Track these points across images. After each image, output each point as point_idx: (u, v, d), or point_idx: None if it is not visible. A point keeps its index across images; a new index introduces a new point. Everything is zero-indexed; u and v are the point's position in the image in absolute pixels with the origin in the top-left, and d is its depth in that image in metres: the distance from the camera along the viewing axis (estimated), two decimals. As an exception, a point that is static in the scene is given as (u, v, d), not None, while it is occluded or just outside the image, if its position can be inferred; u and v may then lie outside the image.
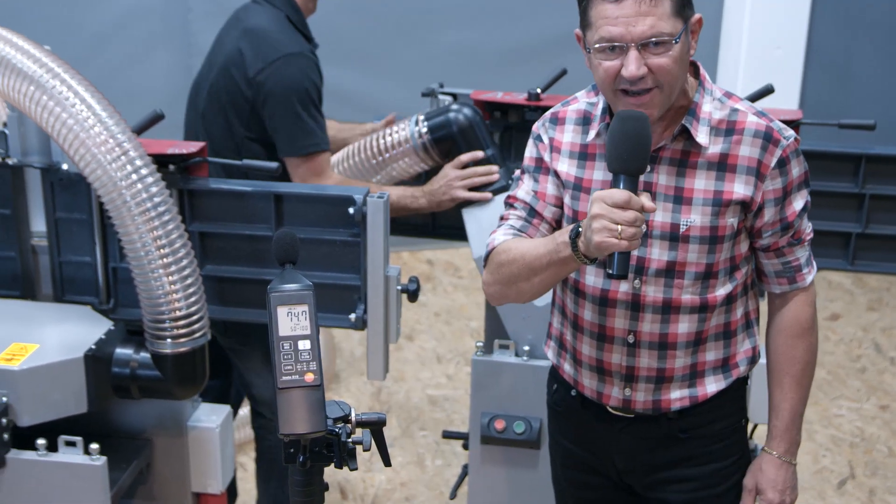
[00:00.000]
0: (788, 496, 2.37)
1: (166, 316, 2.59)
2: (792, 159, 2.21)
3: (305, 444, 1.85)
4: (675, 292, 2.25)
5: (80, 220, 2.86)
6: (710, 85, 2.23)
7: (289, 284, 1.86)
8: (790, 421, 2.35)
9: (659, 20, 2.05)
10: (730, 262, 2.27)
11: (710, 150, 2.20)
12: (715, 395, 2.34)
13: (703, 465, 2.38)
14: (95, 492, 2.55)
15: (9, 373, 2.50)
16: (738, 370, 2.36)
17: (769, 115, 2.23)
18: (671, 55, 2.08)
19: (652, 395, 2.33)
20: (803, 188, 2.25)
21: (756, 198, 2.21)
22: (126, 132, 2.53)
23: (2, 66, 2.54)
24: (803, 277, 2.32)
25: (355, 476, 4.22)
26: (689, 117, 2.19)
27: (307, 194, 2.82)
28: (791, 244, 2.29)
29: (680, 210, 2.21)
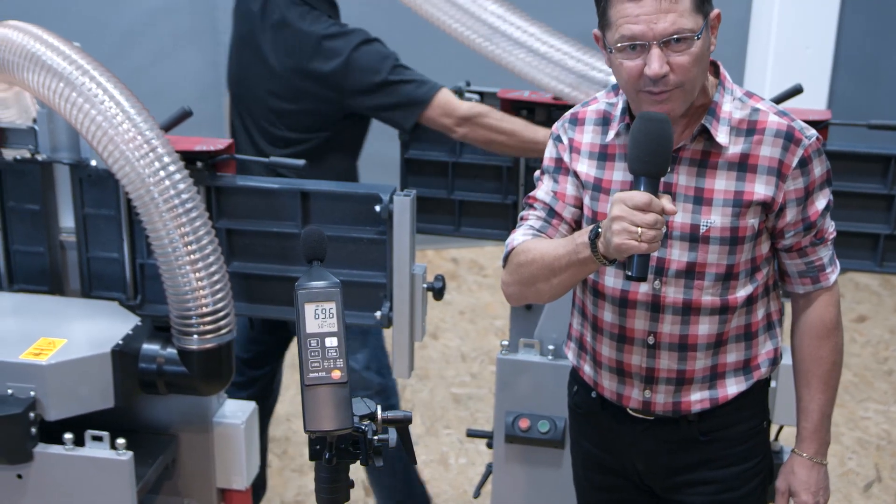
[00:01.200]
0: (822, 497, 2.36)
1: (193, 312, 2.60)
2: (814, 159, 2.18)
3: (332, 441, 1.85)
4: (696, 293, 2.23)
5: (108, 216, 2.87)
6: (730, 84, 2.21)
7: (316, 282, 1.86)
8: (819, 422, 2.33)
9: (680, 17, 2.02)
10: (751, 264, 2.25)
11: (730, 150, 2.17)
12: (736, 397, 2.32)
13: (723, 467, 2.36)
14: (121, 486, 2.56)
15: (37, 367, 2.51)
16: (759, 371, 2.34)
17: (790, 114, 2.21)
18: (693, 52, 2.05)
19: (672, 398, 2.31)
20: (825, 187, 2.23)
21: (777, 198, 2.18)
22: (154, 129, 2.54)
23: (32, 63, 2.56)
24: (826, 277, 2.30)
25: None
26: (708, 117, 2.17)
27: (334, 192, 2.83)
28: (814, 244, 2.27)
29: (700, 211, 2.19)
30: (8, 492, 2.57)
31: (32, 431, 2.52)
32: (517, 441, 2.99)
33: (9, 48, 2.59)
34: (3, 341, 2.60)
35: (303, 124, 3.34)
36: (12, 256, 2.95)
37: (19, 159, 2.85)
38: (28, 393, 2.51)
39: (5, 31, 2.63)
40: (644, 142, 2.01)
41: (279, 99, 3.33)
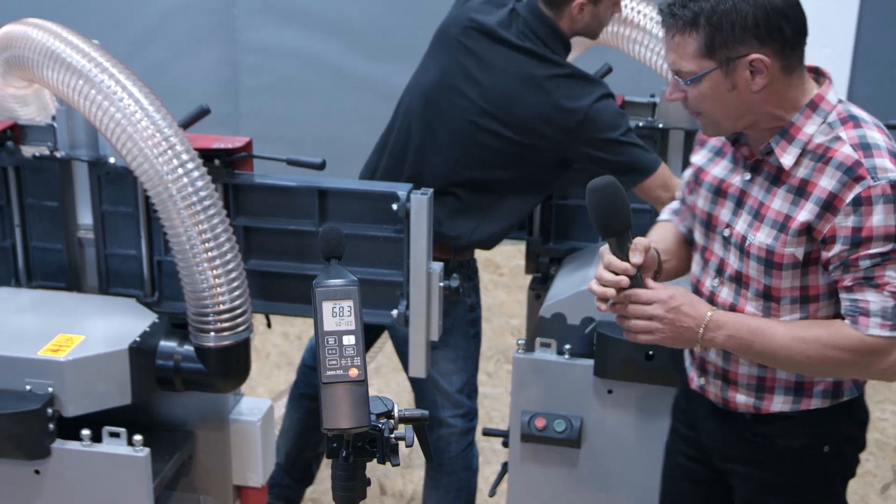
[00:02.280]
0: (665, 311, 2.21)
1: (210, 310, 2.61)
2: (875, 203, 2.07)
3: (349, 439, 1.85)
4: (741, 301, 2.28)
5: (126, 213, 2.88)
6: (828, 107, 2.17)
7: (334, 280, 1.86)
8: (752, 327, 2.19)
9: (680, 58, 2.13)
10: (799, 291, 2.22)
11: (796, 173, 2.17)
12: (784, 415, 2.32)
13: (770, 472, 2.37)
14: (138, 482, 2.57)
15: (55, 363, 2.52)
16: (810, 401, 2.30)
17: (879, 151, 2.10)
18: (698, 90, 2.14)
19: (720, 392, 2.38)
20: (890, 242, 2.09)
21: (821, 229, 2.13)
22: (172, 126, 2.55)
23: (51, 61, 2.57)
24: (866, 324, 2.13)
25: (394, 472, 4.23)
26: (777, 136, 2.18)
27: (351, 190, 2.83)
28: (861, 283, 2.13)
29: (752, 225, 2.22)
30: (25, 487, 2.58)
31: (50, 427, 2.53)
32: (533, 440, 2.99)
33: (28, 46, 2.60)
34: (21, 338, 2.61)
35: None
36: (31, 253, 2.96)
37: (38, 156, 2.87)
38: (46, 389, 2.52)
39: (25, 29, 2.64)
40: (593, 211, 2.18)
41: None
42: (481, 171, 3.15)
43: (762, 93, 2.13)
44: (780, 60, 2.12)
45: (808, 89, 2.19)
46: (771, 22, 2.08)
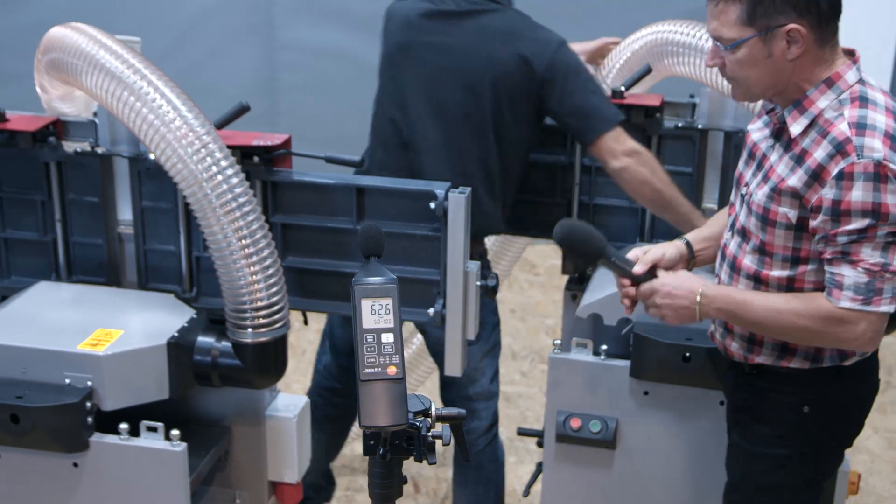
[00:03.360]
0: (662, 299, 2.47)
1: (248, 306, 2.62)
2: (856, 179, 2.18)
3: (386, 436, 1.86)
4: (741, 254, 2.43)
5: (165, 209, 2.90)
6: (844, 86, 2.28)
7: (373, 277, 1.86)
8: (739, 299, 2.39)
9: (721, 25, 2.26)
10: (791, 252, 2.34)
11: (802, 143, 2.29)
12: (771, 369, 2.45)
13: (754, 420, 2.51)
14: (175, 477, 2.59)
15: (94, 358, 2.54)
16: (790, 359, 2.42)
17: (873, 132, 2.20)
18: (736, 57, 2.27)
19: (721, 338, 2.55)
20: (867, 217, 2.19)
21: (810, 198, 2.25)
22: (206, 126, 2.56)
23: (87, 64, 2.60)
24: (839, 297, 2.26)
25: (428, 470, 4.23)
26: (791, 107, 2.31)
27: (389, 188, 2.83)
28: (839, 258, 2.25)
29: (759, 184, 2.37)
30: (64, 480, 2.61)
31: (89, 421, 2.55)
32: (568, 440, 2.98)
33: (67, 49, 2.64)
34: (61, 332, 2.63)
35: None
36: (71, 248, 2.99)
37: (80, 152, 2.89)
38: (85, 383, 2.54)
39: (65, 32, 2.67)
40: (570, 251, 2.56)
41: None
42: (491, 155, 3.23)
43: (795, 63, 2.25)
44: (815, 33, 2.23)
45: (834, 67, 2.29)
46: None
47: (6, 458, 2.61)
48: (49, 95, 2.94)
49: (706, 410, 2.86)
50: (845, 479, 2.90)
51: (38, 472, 2.61)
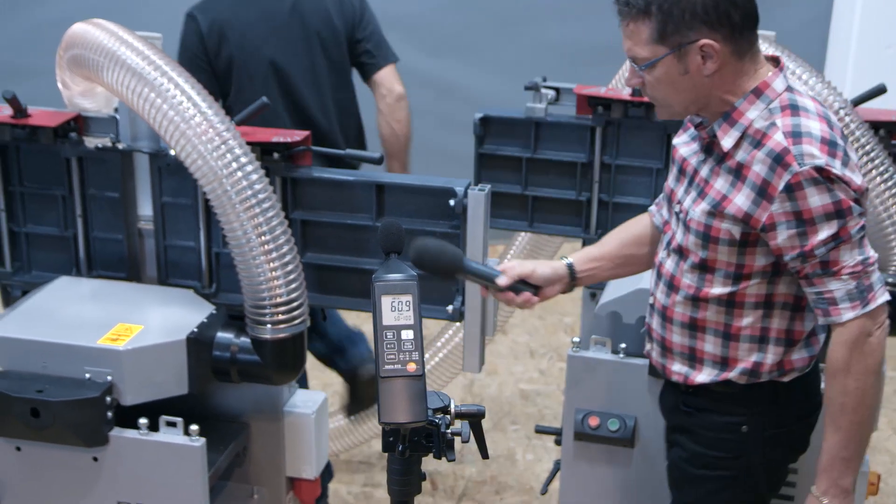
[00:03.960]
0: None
1: (267, 302, 2.62)
2: (806, 187, 2.14)
3: (405, 433, 1.86)
4: (678, 272, 2.38)
5: (185, 205, 2.91)
6: (773, 94, 2.23)
7: (393, 274, 1.86)
8: (828, 462, 2.28)
9: (635, 45, 2.22)
10: (734, 268, 2.29)
11: (735, 156, 2.24)
12: (710, 388, 2.40)
13: (694, 442, 2.47)
14: (194, 472, 2.59)
15: (114, 352, 2.55)
16: (730, 374, 2.38)
17: (809, 139, 2.16)
18: (653, 75, 2.23)
19: (660, 359, 2.50)
20: (832, 219, 2.16)
21: (759, 217, 2.20)
22: (226, 122, 2.57)
23: (108, 60, 2.61)
24: (839, 312, 2.21)
25: (446, 467, 4.23)
26: (720, 120, 2.26)
27: (409, 185, 2.84)
28: (820, 274, 2.20)
29: (695, 201, 2.32)
30: (84, 474, 2.62)
31: (108, 415, 2.56)
32: (586, 439, 2.98)
33: (88, 45, 2.65)
34: (81, 326, 2.65)
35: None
36: (92, 243, 3.00)
37: (101, 147, 2.90)
38: (105, 377, 2.55)
39: (86, 28, 2.68)
40: (431, 271, 2.40)
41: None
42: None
43: (713, 77, 2.21)
44: (730, 45, 2.19)
45: (759, 76, 2.25)
46: (720, 8, 2.15)
47: (26, 452, 2.63)
48: (70, 91, 2.95)
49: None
50: (865, 480, 2.88)
51: (58, 465, 2.63)
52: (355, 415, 4.02)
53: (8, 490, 2.68)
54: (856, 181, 2.17)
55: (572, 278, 2.54)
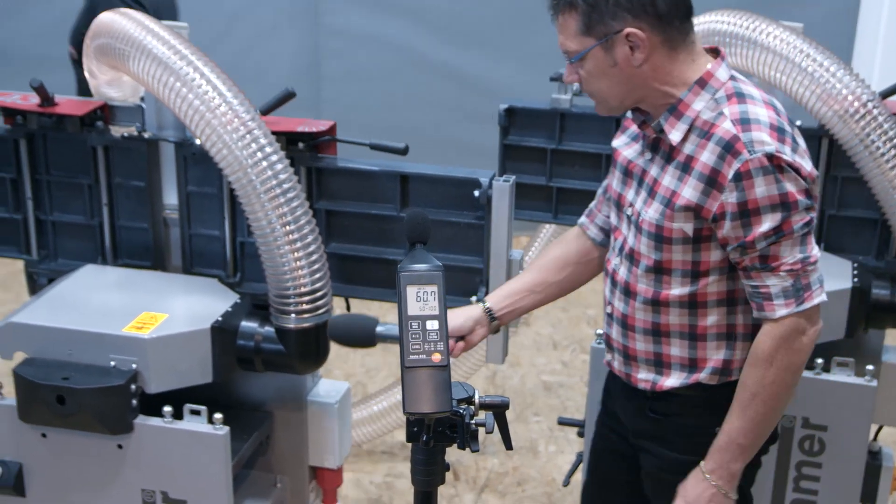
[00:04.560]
0: None
1: (291, 291, 2.63)
2: (755, 176, 2.11)
3: (429, 423, 1.86)
4: (633, 278, 2.33)
5: (211, 194, 2.92)
6: (717, 84, 2.20)
7: (419, 264, 1.86)
8: (724, 444, 2.26)
9: (566, 39, 2.21)
10: (691, 266, 2.25)
11: (683, 148, 2.21)
12: (679, 392, 2.36)
13: (668, 449, 2.41)
14: (217, 460, 2.60)
15: (139, 341, 2.56)
16: (699, 375, 2.33)
17: (758, 126, 2.13)
18: (586, 69, 2.21)
19: (623, 368, 2.44)
20: (777, 211, 2.13)
21: (710, 207, 2.16)
22: (251, 112, 2.57)
23: (134, 49, 2.62)
24: (772, 308, 2.19)
25: (468, 458, 4.24)
26: (666, 114, 2.22)
27: (434, 175, 2.83)
28: (758, 268, 2.18)
29: (646, 202, 2.27)
30: (109, 461, 2.63)
31: (133, 403, 2.57)
32: (609, 431, 2.97)
33: (115, 35, 2.66)
34: (107, 315, 2.66)
35: None
36: (117, 231, 3.01)
37: (127, 136, 2.91)
38: (130, 365, 2.57)
39: (113, 18, 2.70)
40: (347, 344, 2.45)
41: None
42: None
43: (645, 68, 2.18)
44: (659, 35, 2.15)
45: (699, 66, 2.21)
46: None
47: (52, 439, 2.64)
48: (97, 80, 2.96)
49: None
50: (889, 476, 2.87)
51: (83, 452, 2.64)
52: None
53: (33, 476, 2.69)
54: (806, 167, 2.14)
55: (492, 319, 2.47)
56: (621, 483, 2.60)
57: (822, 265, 2.74)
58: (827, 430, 2.82)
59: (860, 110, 2.80)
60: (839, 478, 2.84)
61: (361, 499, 4.03)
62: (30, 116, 2.92)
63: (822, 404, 2.81)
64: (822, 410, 2.81)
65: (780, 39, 2.92)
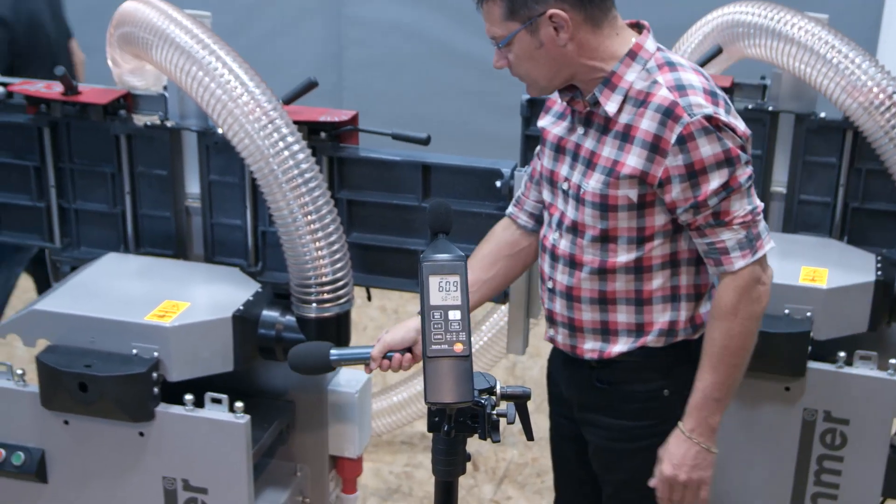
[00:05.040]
0: (685, 473, 2.33)
1: (313, 281, 2.63)
2: (698, 137, 2.17)
3: (451, 413, 1.86)
4: (577, 250, 2.36)
5: (232, 183, 2.92)
6: (646, 55, 2.26)
7: (441, 254, 1.86)
8: (700, 401, 2.31)
9: (492, 25, 2.25)
10: (636, 232, 2.30)
11: (620, 119, 2.25)
12: (626, 357, 2.39)
13: (616, 418, 2.44)
14: (238, 449, 2.61)
15: (161, 329, 2.57)
16: (646, 339, 2.38)
17: (694, 90, 2.19)
18: (513, 53, 2.25)
19: (569, 341, 2.45)
20: (723, 167, 2.19)
21: (655, 173, 2.21)
22: (273, 102, 2.57)
23: (157, 38, 2.62)
24: (730, 261, 2.25)
25: (488, 449, 4.24)
26: (601, 86, 2.26)
27: (456, 166, 2.83)
28: (712, 225, 2.24)
29: (585, 174, 2.31)
30: (130, 448, 2.64)
31: (155, 391, 2.58)
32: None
33: (138, 23, 2.67)
34: (129, 303, 2.67)
35: None
36: (140, 220, 3.02)
37: (149, 125, 2.92)
38: (152, 353, 2.57)
39: (137, 6, 2.70)
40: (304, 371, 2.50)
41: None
42: None
43: (571, 46, 2.22)
44: (581, 13, 2.20)
45: (625, 39, 2.26)
46: None
47: (74, 426, 2.65)
48: (120, 69, 2.97)
49: (771, 396, 2.83)
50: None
51: (105, 440, 2.65)
52: None
53: (55, 462, 2.71)
54: (740, 127, 2.21)
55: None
56: (582, 468, 2.62)
57: (846, 258, 2.73)
58: (849, 424, 2.81)
59: (885, 102, 2.78)
60: (861, 472, 2.82)
61: (381, 488, 4.03)
62: (53, 105, 2.93)
63: (845, 398, 2.79)
64: (844, 404, 2.80)
65: (805, 31, 2.90)
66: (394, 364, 2.41)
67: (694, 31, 3.38)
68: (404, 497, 4.00)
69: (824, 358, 2.80)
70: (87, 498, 2.72)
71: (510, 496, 4.03)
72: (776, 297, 2.70)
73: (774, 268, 2.35)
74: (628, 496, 2.50)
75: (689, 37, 3.40)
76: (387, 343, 2.42)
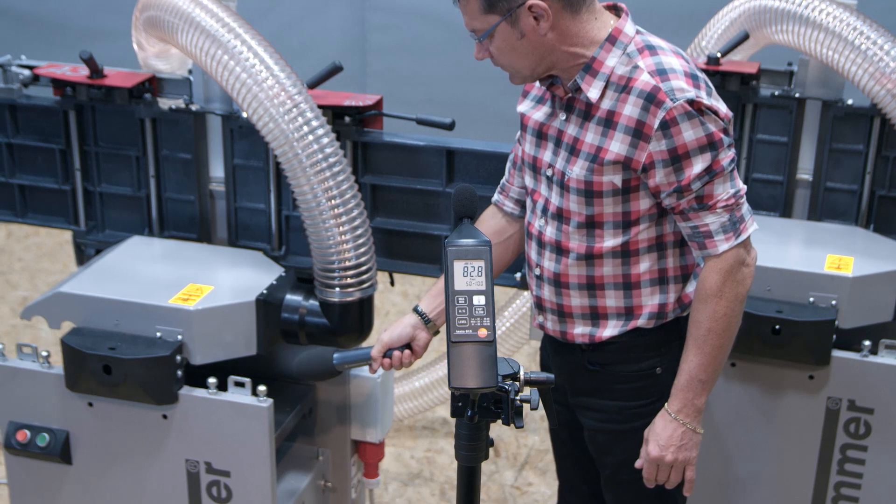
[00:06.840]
0: (671, 454, 2.33)
1: (336, 265, 2.63)
2: (681, 122, 2.16)
3: (475, 398, 1.86)
4: (563, 237, 2.36)
5: (257, 167, 2.92)
6: (626, 39, 2.24)
7: (466, 239, 1.86)
8: (686, 383, 2.31)
9: (472, 19, 2.24)
10: (622, 217, 2.30)
11: (602, 105, 2.24)
12: (617, 339, 2.39)
13: (610, 399, 2.45)
14: (260, 432, 2.62)
15: (184, 312, 2.58)
16: (637, 321, 2.38)
17: (675, 74, 2.18)
18: (495, 45, 2.25)
19: (558, 326, 2.45)
20: (705, 152, 2.18)
21: (639, 158, 2.20)
22: (298, 86, 2.57)
23: (183, 22, 2.62)
24: (714, 245, 2.25)
25: (509, 434, 4.24)
26: (582, 72, 2.25)
27: (479, 151, 2.83)
28: (696, 209, 2.23)
29: (569, 160, 2.30)
30: (153, 431, 2.66)
31: (178, 374, 2.59)
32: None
33: (164, 7, 2.67)
34: (153, 286, 2.68)
35: None
36: (164, 203, 3.03)
37: (174, 109, 2.92)
38: (175, 337, 2.58)
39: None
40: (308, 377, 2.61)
41: None
42: None
43: (551, 35, 2.21)
44: (559, 1, 2.19)
45: (604, 23, 2.25)
46: None
47: (98, 408, 2.67)
48: (145, 52, 2.98)
49: (793, 387, 2.81)
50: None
51: (129, 422, 2.67)
52: None
53: (80, 444, 2.72)
54: (722, 109, 2.20)
55: (426, 321, 2.48)
56: (581, 452, 2.63)
57: (872, 246, 2.71)
58: (873, 413, 2.79)
59: (914, 89, 2.76)
60: (885, 461, 2.81)
61: (402, 473, 4.04)
62: (79, 88, 2.94)
63: (869, 387, 2.78)
64: (868, 393, 2.78)
65: (832, 16, 2.88)
66: (394, 362, 2.44)
67: (721, 17, 3.36)
68: (426, 482, 4.01)
69: (849, 346, 2.78)
70: (111, 479, 2.74)
71: (531, 482, 4.03)
72: (802, 284, 2.69)
73: (799, 256, 2.35)
74: (626, 477, 2.50)
75: (715, 22, 3.38)
76: (385, 342, 2.45)
